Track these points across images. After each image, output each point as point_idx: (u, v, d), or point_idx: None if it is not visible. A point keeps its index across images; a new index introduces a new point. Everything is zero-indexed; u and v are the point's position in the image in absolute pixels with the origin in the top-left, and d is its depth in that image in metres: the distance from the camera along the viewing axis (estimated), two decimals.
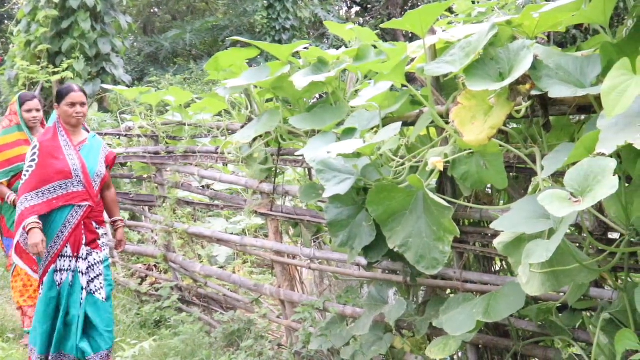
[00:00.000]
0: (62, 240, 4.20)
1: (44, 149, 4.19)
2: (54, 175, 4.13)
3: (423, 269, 2.64)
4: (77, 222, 4.22)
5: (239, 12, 22.54)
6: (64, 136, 4.26)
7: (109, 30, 12.50)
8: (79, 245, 4.25)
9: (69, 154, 4.21)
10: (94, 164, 4.32)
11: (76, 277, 4.24)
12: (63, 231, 4.19)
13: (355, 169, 2.90)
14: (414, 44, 3.00)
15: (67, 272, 4.22)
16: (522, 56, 2.23)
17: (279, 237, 4.41)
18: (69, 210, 4.19)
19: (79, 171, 4.19)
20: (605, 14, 2.17)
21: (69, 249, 4.22)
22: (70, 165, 4.17)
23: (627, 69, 1.78)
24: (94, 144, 4.43)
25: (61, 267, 4.22)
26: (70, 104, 4.20)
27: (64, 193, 4.17)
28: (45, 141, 4.22)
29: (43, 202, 4.11)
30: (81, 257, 4.25)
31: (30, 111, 5.12)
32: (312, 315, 3.87)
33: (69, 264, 4.23)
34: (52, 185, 4.13)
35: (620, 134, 1.72)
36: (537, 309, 2.67)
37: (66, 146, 4.24)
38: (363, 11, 23.96)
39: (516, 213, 2.14)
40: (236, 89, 3.80)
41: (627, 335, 1.91)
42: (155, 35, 22.88)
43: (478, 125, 2.32)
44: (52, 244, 4.18)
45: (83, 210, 4.24)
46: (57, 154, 4.18)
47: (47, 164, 4.14)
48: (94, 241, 4.34)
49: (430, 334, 3.21)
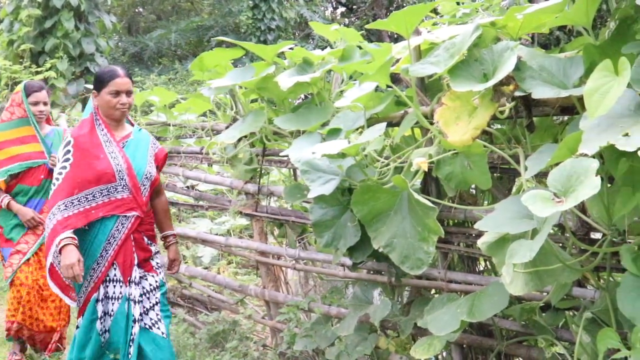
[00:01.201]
0: (106, 261, 3.38)
1: (79, 146, 3.36)
2: (93, 178, 3.33)
3: (407, 269, 2.64)
4: (125, 237, 3.41)
5: (224, 12, 22.48)
6: (103, 130, 3.43)
7: (93, 30, 12.46)
8: (129, 267, 3.44)
9: (111, 152, 3.40)
10: (141, 164, 3.50)
11: (127, 307, 3.42)
12: (107, 249, 3.38)
13: (340, 169, 2.91)
14: (398, 45, 3.01)
15: (115, 302, 3.41)
16: (506, 57, 2.24)
17: (264, 237, 4.40)
18: (113, 222, 3.39)
19: (123, 173, 3.38)
20: (588, 16, 2.19)
21: (117, 271, 3.41)
22: (113, 165, 3.36)
23: (609, 70, 1.80)
24: (141, 138, 3.60)
25: (106, 294, 3.42)
26: (114, 93, 3.37)
27: (105, 201, 3.36)
28: (81, 136, 3.38)
29: (79, 213, 3.30)
30: (133, 281, 3.45)
31: (37, 104, 4.42)
32: (297, 316, 3.87)
33: (118, 290, 3.41)
34: (90, 191, 3.33)
35: (602, 134, 1.74)
36: (521, 309, 2.69)
37: (107, 142, 3.41)
38: (348, 12, 23.97)
39: (500, 213, 2.16)
40: (221, 89, 3.79)
41: (608, 334, 1.92)
42: (140, 35, 22.77)
43: (462, 125, 2.33)
44: (95, 266, 3.38)
45: (130, 221, 3.43)
46: (97, 151, 3.36)
47: (84, 164, 3.33)
48: (147, 261, 3.55)
49: (415, 334, 3.22)
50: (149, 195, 3.58)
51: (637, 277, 1.89)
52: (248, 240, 4.62)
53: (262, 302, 4.74)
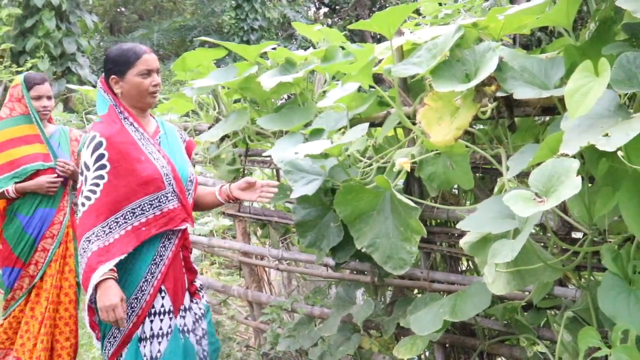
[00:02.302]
0: (152, 287, 2.69)
1: (116, 148, 2.62)
2: (140, 188, 2.63)
3: (390, 269, 2.65)
4: (173, 255, 2.76)
5: (206, 12, 22.43)
6: (132, 125, 2.72)
7: (74, 30, 12.39)
8: (181, 293, 2.81)
9: (151, 153, 2.71)
10: (183, 164, 2.85)
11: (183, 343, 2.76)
12: (153, 271, 2.70)
13: (323, 169, 2.91)
14: (381, 45, 3.01)
15: (163, 339, 2.71)
16: (488, 58, 2.25)
17: (247, 238, 4.39)
18: (159, 239, 2.72)
19: (170, 177, 2.72)
20: (569, 17, 2.20)
21: (167, 299, 2.73)
22: (159, 168, 2.69)
23: (589, 71, 1.81)
24: (170, 132, 2.94)
25: (153, 332, 2.71)
26: (144, 73, 2.68)
27: (156, 214, 2.68)
28: (113, 135, 2.64)
29: (127, 233, 2.60)
30: (185, 308, 2.83)
31: (39, 98, 3.87)
32: (280, 316, 3.86)
33: (167, 324, 2.72)
34: (137, 203, 2.63)
35: (583, 135, 1.75)
36: (503, 308, 2.70)
37: (142, 140, 2.71)
38: (331, 12, 23.99)
39: (482, 213, 2.16)
40: (203, 89, 3.78)
41: (589, 332, 1.93)
42: (122, 35, 22.67)
43: (445, 126, 2.34)
44: (138, 295, 2.68)
45: (177, 235, 2.78)
46: (136, 153, 2.66)
47: (126, 170, 2.62)
48: (192, 284, 2.93)
49: (398, 334, 3.23)
50: (193, 202, 2.91)
51: (617, 276, 1.90)
52: (231, 241, 4.61)
53: (245, 303, 4.73)
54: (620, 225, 2.08)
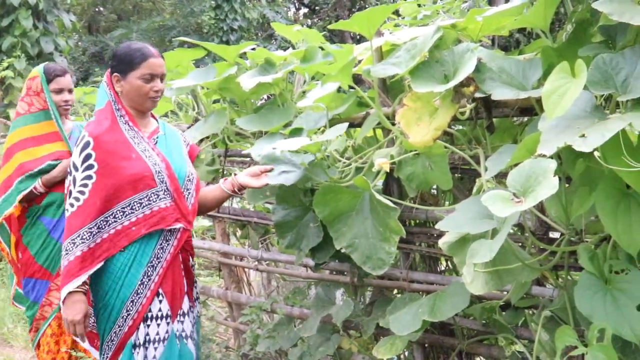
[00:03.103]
0: (149, 290, 2.63)
1: (103, 147, 2.60)
2: (129, 185, 2.60)
3: (369, 269, 2.65)
4: (171, 258, 2.70)
5: (186, 12, 22.35)
6: (127, 124, 2.69)
7: (51, 29, 12.28)
8: (179, 296, 2.74)
9: (144, 150, 2.67)
10: (180, 164, 2.80)
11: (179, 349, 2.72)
12: (150, 274, 2.64)
13: (302, 165, 2.90)
14: (360, 46, 3.02)
15: (159, 345, 2.65)
16: (466, 59, 2.26)
17: (226, 238, 4.38)
18: (156, 238, 2.66)
19: (163, 175, 2.67)
20: (546, 19, 2.22)
21: (164, 303, 2.67)
22: (150, 166, 2.64)
23: (566, 72, 1.82)
24: (172, 134, 2.91)
25: (149, 337, 2.64)
26: (147, 77, 2.65)
27: (146, 213, 2.63)
28: (102, 134, 2.62)
29: (116, 233, 2.59)
30: (184, 313, 2.77)
31: (60, 92, 3.51)
32: (259, 317, 3.86)
33: (163, 329, 2.67)
34: (127, 202, 2.60)
35: (560, 135, 1.76)
36: (481, 308, 2.72)
37: (135, 138, 2.68)
38: (311, 13, 24.00)
39: (461, 213, 2.17)
40: (183, 89, 3.76)
41: (566, 331, 1.95)
42: (101, 35, 22.52)
43: (423, 126, 2.35)
44: (133, 298, 2.62)
45: (176, 237, 2.72)
46: (126, 151, 2.63)
47: (113, 169, 2.59)
48: (191, 288, 2.88)
49: (377, 334, 3.23)
50: (195, 202, 2.84)
51: (594, 276, 1.92)
52: (210, 242, 4.59)
53: (224, 304, 4.72)
54: (597, 225, 2.10)
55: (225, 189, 2.89)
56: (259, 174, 2.83)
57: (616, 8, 1.85)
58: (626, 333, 1.78)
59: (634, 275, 1.86)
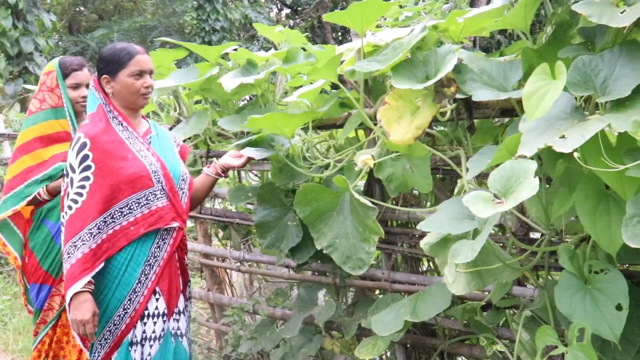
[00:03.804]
0: (146, 288, 2.65)
1: (100, 147, 2.60)
2: (126, 186, 2.60)
3: (349, 269, 2.65)
4: (168, 256, 2.73)
5: (167, 12, 22.24)
6: (121, 124, 2.70)
7: (31, 29, 12.18)
8: (176, 295, 2.77)
9: (140, 150, 2.68)
10: (174, 164, 2.82)
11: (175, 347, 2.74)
12: (147, 273, 2.66)
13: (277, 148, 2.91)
14: (342, 47, 3.02)
15: (154, 343, 2.67)
16: (448, 60, 2.27)
17: (208, 239, 4.37)
18: (152, 238, 2.68)
19: (159, 174, 2.68)
20: (526, 20, 2.23)
21: (161, 302, 2.69)
22: (146, 166, 2.66)
23: (546, 73, 1.84)
24: (162, 134, 2.92)
25: (145, 335, 2.67)
26: (136, 74, 2.68)
27: (144, 212, 2.64)
28: (98, 135, 2.62)
29: (115, 233, 2.60)
30: (180, 311, 2.80)
31: (78, 87, 3.24)
32: (241, 318, 3.85)
33: (160, 327, 2.69)
34: (125, 202, 2.61)
35: (540, 136, 1.77)
36: (463, 309, 2.73)
37: (130, 139, 2.69)
38: (293, 14, 23.99)
39: (442, 214, 2.18)
40: (164, 90, 3.74)
41: (546, 331, 1.96)
42: (81, 35, 22.36)
43: (404, 125, 2.35)
44: (131, 296, 2.63)
45: (172, 235, 2.74)
46: (123, 151, 2.63)
47: (111, 170, 2.59)
48: (186, 286, 2.92)
49: (360, 335, 3.23)
50: (188, 202, 2.86)
51: (574, 276, 1.93)
52: (192, 243, 4.57)
53: (206, 305, 4.70)
54: (577, 225, 2.11)
55: (209, 173, 2.92)
56: (239, 156, 2.89)
57: (595, 10, 1.87)
58: (605, 332, 1.79)
59: (613, 275, 1.87)
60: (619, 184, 1.77)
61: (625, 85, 1.79)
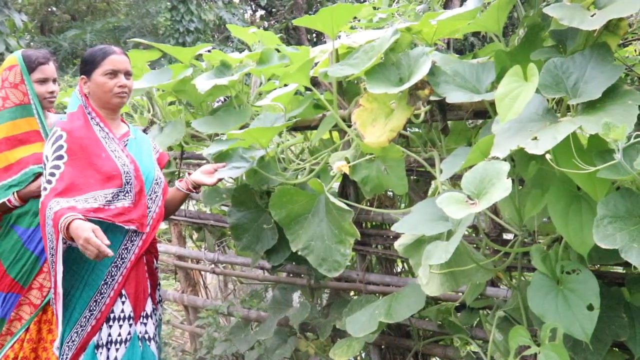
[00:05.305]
0: (112, 290, 2.61)
1: (75, 141, 2.59)
2: (96, 182, 2.56)
3: (325, 271, 2.65)
4: (135, 258, 2.68)
5: (141, 13, 22.06)
6: (99, 124, 2.68)
7: (2, 29, 12.00)
8: (142, 298, 2.73)
9: (114, 151, 2.66)
10: (149, 167, 2.79)
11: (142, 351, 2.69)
12: (114, 274, 2.61)
13: (252, 159, 2.90)
14: (316, 49, 3.02)
15: (120, 346, 2.62)
16: (421, 62, 2.28)
17: (182, 241, 4.35)
18: (120, 238, 2.62)
19: (131, 176, 2.64)
20: (499, 23, 2.25)
21: (127, 304, 2.65)
22: (119, 166, 2.62)
23: (518, 76, 1.85)
24: (142, 139, 2.90)
25: (111, 338, 2.62)
26: (109, 73, 2.66)
27: (108, 207, 2.57)
28: (75, 130, 2.62)
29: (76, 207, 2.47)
30: (147, 315, 2.76)
31: (45, 82, 3.02)
32: (216, 320, 3.83)
33: (126, 331, 2.64)
34: (92, 194, 2.54)
35: (513, 138, 1.78)
36: (437, 309, 2.75)
37: (106, 139, 2.67)
38: (268, 15, 23.94)
39: (416, 215, 2.18)
40: (138, 91, 3.70)
41: (519, 331, 1.97)
42: (54, 35, 22.10)
43: (379, 127, 2.35)
44: (97, 298, 2.59)
45: (142, 238, 2.69)
46: (97, 149, 2.62)
47: (83, 163, 2.58)
48: (154, 290, 2.87)
49: (334, 336, 3.24)
50: (162, 205, 2.82)
51: (546, 276, 1.95)
52: (166, 245, 4.54)
53: (181, 307, 4.67)
54: (549, 226, 2.13)
55: (180, 188, 2.92)
56: (212, 172, 2.89)
57: (566, 13, 1.89)
58: (577, 332, 1.81)
59: (585, 276, 1.89)
60: (591, 185, 1.79)
61: (595, 88, 1.81)
